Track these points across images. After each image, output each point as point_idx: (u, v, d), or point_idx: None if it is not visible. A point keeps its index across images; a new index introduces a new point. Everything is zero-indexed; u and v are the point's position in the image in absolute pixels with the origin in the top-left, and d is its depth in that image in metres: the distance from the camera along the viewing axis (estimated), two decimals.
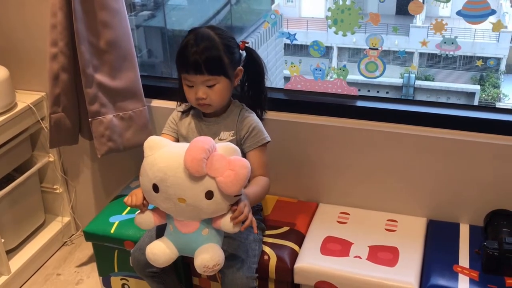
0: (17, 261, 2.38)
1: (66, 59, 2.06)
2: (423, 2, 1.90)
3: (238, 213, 1.57)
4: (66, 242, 2.64)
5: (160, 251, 1.67)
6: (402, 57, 1.99)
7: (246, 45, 1.84)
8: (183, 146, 1.57)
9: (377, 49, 1.99)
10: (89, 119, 2.12)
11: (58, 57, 2.06)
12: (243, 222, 1.59)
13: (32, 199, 2.50)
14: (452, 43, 1.90)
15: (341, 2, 1.94)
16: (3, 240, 2.26)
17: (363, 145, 2.09)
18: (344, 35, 1.98)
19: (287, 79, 2.19)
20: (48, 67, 2.08)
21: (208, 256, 1.61)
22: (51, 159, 2.49)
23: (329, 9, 1.98)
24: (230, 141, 1.81)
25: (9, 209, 2.34)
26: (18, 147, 2.34)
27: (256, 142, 1.82)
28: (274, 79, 3.59)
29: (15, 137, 2.29)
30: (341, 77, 2.08)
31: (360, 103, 2.10)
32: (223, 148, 1.55)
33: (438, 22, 1.87)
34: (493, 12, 1.79)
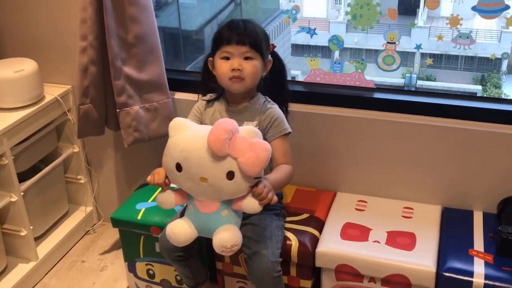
0: (43, 248, 2.47)
1: (95, 52, 2.14)
2: None
3: (258, 193, 1.64)
4: (88, 231, 2.73)
5: (180, 230, 1.73)
6: (418, 51, 2.08)
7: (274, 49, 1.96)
8: (206, 127, 1.64)
9: (394, 43, 2.08)
10: (117, 110, 2.20)
11: (87, 51, 2.14)
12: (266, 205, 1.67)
13: (57, 189, 2.58)
14: (467, 37, 1.99)
15: None
16: (31, 227, 2.34)
17: (379, 136, 2.17)
18: (363, 29, 2.06)
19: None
20: (78, 60, 2.16)
21: (226, 236, 1.67)
22: (75, 150, 2.58)
23: (348, 5, 2.06)
24: None
25: (36, 198, 2.42)
26: (44, 138, 2.42)
27: (279, 131, 1.89)
28: None
29: (42, 129, 2.37)
30: (359, 70, 2.16)
31: (377, 95, 2.18)
32: (246, 131, 1.62)
33: (454, 17, 1.95)
34: (507, 7, 1.88)
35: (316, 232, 2.05)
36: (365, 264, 1.93)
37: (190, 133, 1.64)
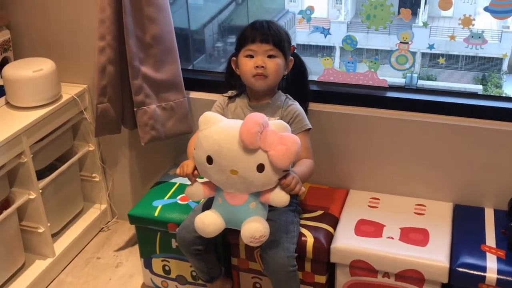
0: (60, 245, 2.51)
1: (113, 52, 2.18)
2: None
3: (286, 184, 1.70)
4: (103, 228, 2.76)
5: (209, 221, 1.78)
6: (431, 50, 2.12)
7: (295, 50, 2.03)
8: (237, 121, 1.70)
9: (407, 43, 2.12)
10: (135, 109, 2.24)
11: (106, 50, 2.18)
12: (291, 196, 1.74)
13: (72, 187, 2.62)
14: (479, 37, 2.03)
15: None
16: (49, 224, 2.38)
17: (392, 134, 2.21)
18: (377, 29, 2.10)
19: None
20: (96, 59, 2.20)
21: (255, 227, 1.73)
22: (91, 149, 2.61)
23: (362, 5, 2.09)
24: None
25: (53, 195, 2.46)
26: (61, 136, 2.45)
27: (300, 127, 1.95)
28: None
29: (59, 127, 2.41)
30: (372, 70, 2.20)
31: (390, 94, 2.22)
32: (275, 125, 1.67)
33: (466, 18, 1.98)
34: None
35: (330, 229, 2.09)
36: (379, 259, 1.97)
37: (222, 126, 1.69)
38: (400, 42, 2.12)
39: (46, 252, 2.42)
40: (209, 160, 1.68)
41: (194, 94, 2.41)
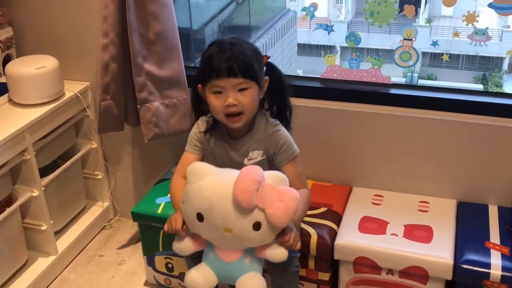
0: (62, 243, 2.50)
1: (116, 49, 2.18)
2: None
3: (285, 241, 1.61)
4: (105, 226, 2.76)
5: (200, 279, 1.68)
6: (435, 47, 2.12)
7: (268, 60, 1.81)
8: (230, 174, 1.57)
9: (411, 39, 2.12)
10: (138, 106, 2.24)
11: (109, 48, 2.17)
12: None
13: (75, 185, 2.61)
14: (483, 33, 2.03)
15: None
16: (51, 222, 2.37)
17: (395, 131, 2.21)
18: (380, 26, 2.10)
19: None
20: (99, 57, 2.19)
21: (252, 286, 1.65)
22: (93, 146, 2.61)
23: (366, 2, 2.09)
24: (260, 160, 1.80)
25: (55, 193, 2.45)
26: (64, 134, 2.45)
27: (287, 157, 1.79)
28: None
29: (62, 125, 2.40)
30: (376, 66, 2.20)
31: (393, 91, 2.22)
32: (272, 177, 1.56)
33: (470, 14, 1.98)
34: None
35: (334, 226, 2.09)
36: (383, 256, 1.97)
37: (212, 181, 1.57)
38: (404, 39, 2.12)
39: (49, 249, 2.41)
40: (200, 217, 1.57)
41: None
